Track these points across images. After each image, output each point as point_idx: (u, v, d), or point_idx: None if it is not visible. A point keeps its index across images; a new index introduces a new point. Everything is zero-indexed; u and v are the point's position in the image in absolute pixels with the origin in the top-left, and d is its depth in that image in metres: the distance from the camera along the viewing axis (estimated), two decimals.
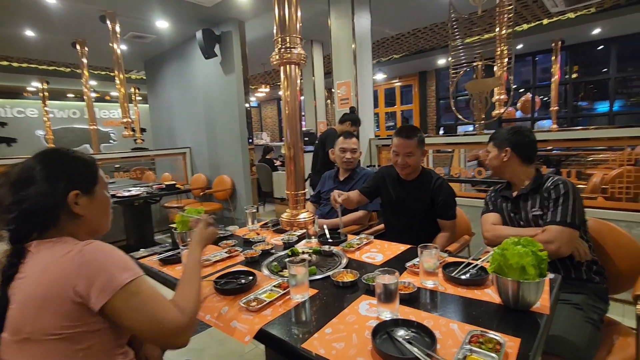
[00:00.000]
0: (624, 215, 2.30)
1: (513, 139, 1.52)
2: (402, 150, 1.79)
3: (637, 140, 2.30)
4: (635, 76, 7.00)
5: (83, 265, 0.74)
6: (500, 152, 1.53)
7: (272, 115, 13.62)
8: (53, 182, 0.82)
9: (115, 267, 0.76)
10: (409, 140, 1.78)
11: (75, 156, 0.89)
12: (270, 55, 1.33)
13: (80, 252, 0.76)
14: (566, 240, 1.31)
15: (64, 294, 0.73)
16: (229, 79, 4.64)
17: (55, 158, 0.86)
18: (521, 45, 6.85)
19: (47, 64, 6.89)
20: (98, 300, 0.73)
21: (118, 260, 0.78)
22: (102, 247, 0.78)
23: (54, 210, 0.82)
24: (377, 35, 5.92)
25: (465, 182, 3.50)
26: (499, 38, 3.58)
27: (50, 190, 0.81)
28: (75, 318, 0.74)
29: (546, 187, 1.43)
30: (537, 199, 1.45)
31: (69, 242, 0.80)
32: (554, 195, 1.38)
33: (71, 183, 0.83)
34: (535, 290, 0.90)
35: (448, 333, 0.84)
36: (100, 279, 0.74)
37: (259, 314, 0.97)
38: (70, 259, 0.75)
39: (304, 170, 1.39)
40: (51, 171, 0.83)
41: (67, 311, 0.73)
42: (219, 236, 1.74)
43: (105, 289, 0.74)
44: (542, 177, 1.49)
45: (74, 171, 0.86)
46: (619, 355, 1.19)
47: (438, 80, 9.25)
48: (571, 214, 1.32)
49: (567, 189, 1.36)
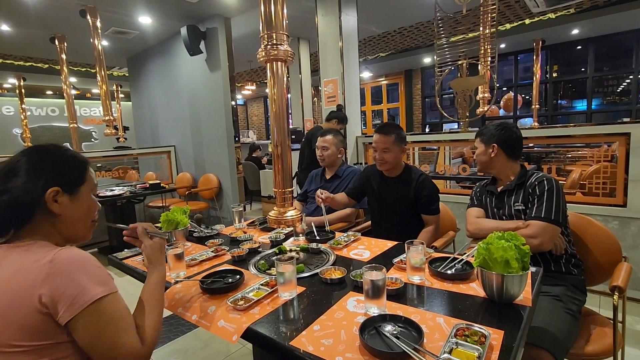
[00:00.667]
0: (601, 210, 2.38)
1: (500, 135, 1.55)
2: (379, 145, 1.84)
3: (613, 137, 2.38)
4: (612, 75, 7.25)
5: (53, 275, 0.70)
6: (488, 148, 1.56)
7: (258, 113, 13.52)
8: (34, 176, 0.79)
9: (88, 279, 0.72)
10: (386, 137, 1.83)
11: (66, 154, 0.86)
12: (257, 52, 1.32)
13: (51, 261, 0.71)
14: (549, 236, 1.35)
15: (29, 305, 0.69)
16: (214, 77, 4.58)
17: (43, 153, 0.84)
18: (504, 44, 7.00)
19: (24, 60, 6.65)
20: (65, 314, 0.69)
21: (92, 272, 0.74)
22: (75, 256, 0.74)
23: (30, 205, 0.78)
24: (363, 33, 5.94)
25: (450, 179, 3.56)
26: (482, 37, 3.64)
27: (30, 184, 0.78)
28: (41, 331, 0.69)
29: (530, 183, 1.46)
30: (520, 194, 1.48)
31: (43, 248, 0.76)
32: (538, 191, 1.41)
33: (53, 179, 0.80)
34: (519, 283, 0.93)
35: (435, 327, 0.85)
36: (69, 291, 0.69)
37: (246, 313, 0.96)
38: (39, 267, 0.71)
39: (291, 168, 1.39)
40: (34, 165, 0.80)
41: (32, 323, 0.69)
42: (205, 235, 1.72)
43: (74, 303, 0.69)
44: (526, 173, 1.52)
45: (59, 167, 0.83)
46: (596, 344, 1.23)
47: (424, 79, 9.36)
48: (555, 211, 1.35)
49: (551, 186, 1.39)
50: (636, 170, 2.26)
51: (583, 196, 2.62)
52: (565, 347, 1.15)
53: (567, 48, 7.33)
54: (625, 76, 6.99)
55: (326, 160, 2.32)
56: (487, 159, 1.58)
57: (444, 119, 8.92)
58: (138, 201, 4.13)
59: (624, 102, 7.10)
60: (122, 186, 3.93)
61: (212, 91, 4.65)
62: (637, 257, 2.27)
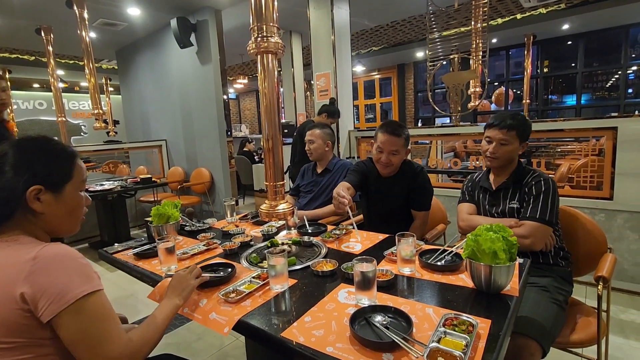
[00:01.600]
0: (588, 203, 2.43)
1: (530, 131, 1.49)
2: (388, 147, 1.67)
3: (601, 131, 2.42)
4: (601, 71, 7.34)
5: (35, 272, 0.68)
6: (520, 145, 1.48)
7: (251, 107, 13.42)
8: (17, 171, 0.75)
9: (72, 277, 0.70)
10: (397, 138, 1.67)
11: (52, 147, 0.82)
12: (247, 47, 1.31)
13: (34, 259, 0.69)
14: (540, 237, 1.36)
15: (10, 302, 0.67)
16: (205, 70, 4.52)
17: (30, 146, 0.80)
18: (496, 39, 7.03)
19: (9, 52, 6.49)
20: (47, 312, 0.67)
21: (76, 269, 0.72)
22: (60, 253, 0.71)
23: (9, 202, 0.75)
24: (356, 26, 5.92)
25: (443, 172, 3.59)
26: (474, 31, 3.65)
27: (11, 180, 0.75)
28: (22, 329, 0.68)
29: (527, 182, 1.45)
30: (517, 192, 1.47)
31: (26, 244, 0.73)
32: (534, 191, 1.40)
33: (36, 176, 0.76)
34: (506, 273, 0.94)
35: (424, 317, 0.87)
36: (52, 289, 0.68)
37: (238, 305, 0.97)
38: (21, 264, 0.68)
39: (282, 161, 1.39)
40: (18, 159, 0.77)
41: (13, 320, 0.67)
42: (196, 229, 1.72)
43: (57, 300, 0.68)
44: (523, 170, 1.50)
45: (43, 163, 0.79)
46: (581, 333, 1.27)
47: (416, 73, 9.37)
48: (549, 212, 1.36)
49: (548, 187, 1.39)
50: (623, 163, 2.30)
51: (571, 189, 2.67)
52: (551, 336, 1.17)
53: (557, 43, 7.40)
54: (614, 72, 7.09)
55: (314, 154, 2.32)
56: (515, 156, 1.49)
57: (437, 114, 8.98)
58: (129, 195, 4.09)
59: (612, 98, 7.22)
60: (113, 180, 3.88)
61: (203, 84, 4.59)
62: (623, 248, 2.33)
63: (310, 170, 2.43)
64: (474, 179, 1.68)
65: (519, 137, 1.45)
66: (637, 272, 2.31)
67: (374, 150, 1.77)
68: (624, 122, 2.30)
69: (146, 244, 1.52)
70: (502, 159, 1.48)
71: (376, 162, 1.77)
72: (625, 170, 2.30)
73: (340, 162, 2.35)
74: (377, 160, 1.75)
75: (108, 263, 1.46)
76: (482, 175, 1.65)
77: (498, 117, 1.49)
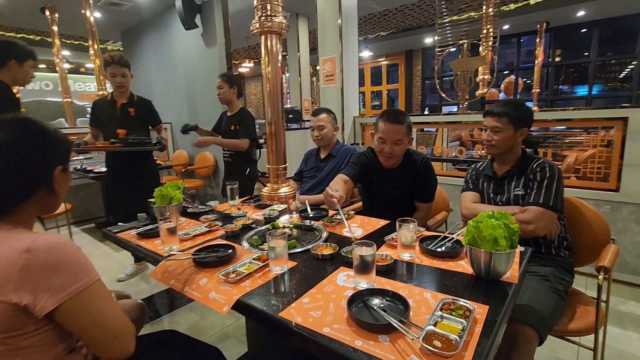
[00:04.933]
0: (593, 194, 2.40)
1: (530, 117, 1.46)
2: (391, 137, 1.60)
3: (611, 121, 2.37)
4: (615, 61, 7.15)
5: (29, 267, 0.66)
6: (517, 132, 1.46)
7: (256, 91, 13.34)
8: (44, 153, 0.80)
9: (68, 271, 0.70)
10: (399, 126, 1.59)
11: (54, 129, 0.86)
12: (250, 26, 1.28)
13: (27, 252, 0.67)
14: (544, 223, 1.35)
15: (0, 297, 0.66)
16: (210, 52, 4.47)
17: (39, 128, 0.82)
18: (507, 25, 6.86)
19: (15, 31, 6.46)
20: (44, 307, 0.67)
21: (72, 262, 0.71)
22: (53, 245, 0.69)
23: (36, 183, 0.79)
24: (364, 10, 5.79)
25: (448, 161, 3.56)
26: (485, 17, 3.56)
27: (41, 162, 0.79)
28: (10, 324, 0.67)
29: (532, 169, 1.44)
30: (521, 180, 1.46)
31: (19, 235, 0.72)
32: (539, 177, 1.40)
33: (57, 157, 0.82)
34: (506, 260, 0.94)
35: (421, 301, 0.87)
36: (48, 284, 0.67)
37: (237, 286, 0.98)
38: (14, 257, 0.66)
39: (284, 145, 1.38)
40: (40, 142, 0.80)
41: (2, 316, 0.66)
42: (199, 211, 1.73)
43: (54, 296, 0.68)
44: (528, 157, 1.49)
45: (60, 145, 0.84)
46: (580, 322, 1.27)
47: (424, 60, 9.21)
48: (553, 198, 1.35)
49: (553, 172, 1.38)
50: (631, 155, 2.26)
51: (577, 180, 2.63)
52: (549, 325, 1.18)
53: (571, 31, 7.20)
54: (629, 62, 6.91)
55: (324, 139, 2.26)
56: (513, 143, 1.47)
57: (443, 102, 8.86)
58: None
59: (625, 89, 7.05)
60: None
61: (208, 67, 4.55)
62: (626, 240, 2.31)
63: (313, 155, 2.41)
64: (477, 167, 1.67)
65: (512, 123, 1.44)
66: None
67: (376, 141, 1.69)
68: (635, 112, 2.24)
69: (149, 224, 1.53)
70: (498, 146, 1.48)
71: (379, 153, 1.71)
72: (633, 161, 2.26)
73: (344, 147, 2.32)
74: (380, 151, 1.69)
75: (112, 242, 1.48)
76: (486, 164, 1.64)
77: (492, 105, 1.51)
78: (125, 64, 2.43)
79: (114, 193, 2.60)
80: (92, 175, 3.39)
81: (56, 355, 0.76)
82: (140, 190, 2.27)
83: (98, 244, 3.54)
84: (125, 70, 2.44)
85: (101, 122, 2.55)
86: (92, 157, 4.47)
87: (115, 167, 2.57)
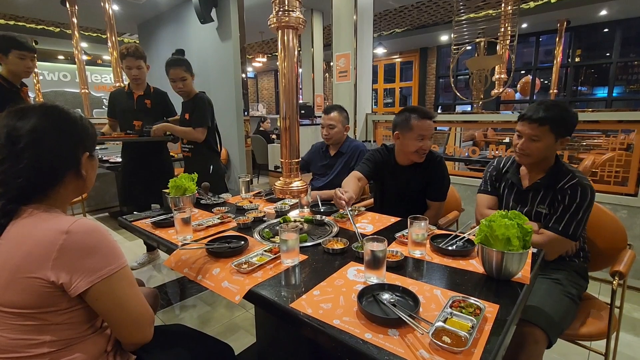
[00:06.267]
0: (610, 198, 2.35)
1: (574, 125, 1.28)
2: (430, 132, 1.65)
3: (631, 124, 2.31)
4: (637, 62, 6.94)
5: (67, 247, 0.70)
6: (557, 141, 1.29)
7: (268, 87, 13.38)
8: (72, 140, 0.83)
9: (102, 254, 0.74)
10: (432, 122, 1.65)
11: (80, 117, 0.88)
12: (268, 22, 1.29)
13: (66, 233, 0.71)
14: (556, 250, 1.30)
15: (38, 273, 0.69)
16: (225, 46, 4.50)
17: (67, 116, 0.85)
18: (526, 24, 6.71)
19: (36, 23, 6.62)
20: (78, 287, 0.71)
21: (105, 246, 0.76)
22: (90, 229, 0.74)
23: (66, 168, 0.82)
24: (379, 6, 5.75)
25: (460, 161, 3.52)
26: (504, 14, 3.49)
27: (70, 148, 0.82)
28: (46, 299, 0.71)
29: (562, 187, 1.29)
30: (548, 196, 1.33)
31: (58, 216, 0.76)
32: (567, 201, 1.26)
33: (84, 144, 0.85)
34: (518, 261, 0.93)
35: (431, 298, 0.87)
36: (84, 265, 0.71)
37: (249, 276, 1.00)
38: (53, 237, 0.71)
39: (298, 140, 1.39)
40: (68, 129, 0.83)
41: (37, 291, 0.70)
42: (211, 203, 1.76)
43: (88, 276, 0.72)
44: (560, 169, 1.32)
45: (86, 132, 0.87)
46: (591, 327, 1.25)
47: (439, 58, 9.09)
48: (575, 226, 1.25)
49: (584, 199, 1.24)
50: None
51: (594, 184, 2.56)
52: (560, 327, 1.17)
53: (592, 30, 7.01)
54: None
55: (333, 138, 2.25)
56: (551, 153, 1.30)
57: (457, 101, 8.74)
58: None
59: None
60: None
61: (222, 62, 4.58)
62: None
63: (322, 151, 2.40)
64: (500, 167, 1.52)
65: (554, 132, 1.26)
66: None
67: (413, 141, 1.65)
68: None
69: (163, 214, 1.56)
70: (533, 156, 1.31)
71: (414, 152, 1.67)
72: None
73: (353, 143, 2.31)
74: (418, 149, 1.65)
75: (127, 230, 1.52)
76: (510, 166, 1.47)
77: (531, 109, 1.30)
78: (141, 56, 2.45)
79: (129, 183, 2.65)
80: (108, 166, 3.46)
81: (83, 334, 0.80)
82: (155, 181, 2.31)
83: (111, 232, 3.63)
84: (141, 63, 2.46)
85: (118, 113, 2.59)
86: (107, 148, 4.57)
87: (131, 158, 2.62)
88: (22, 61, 2.10)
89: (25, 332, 0.72)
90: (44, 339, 0.73)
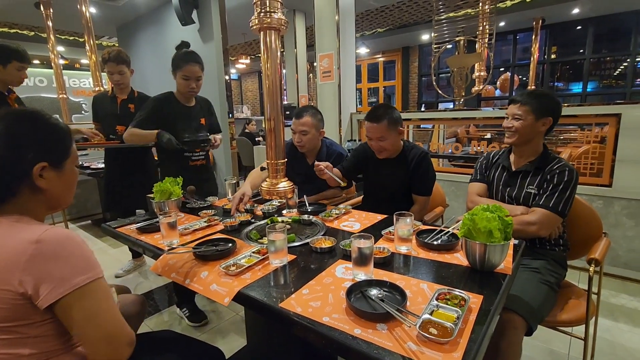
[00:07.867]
0: (587, 189, 2.44)
1: (557, 108, 1.42)
2: (373, 134, 1.72)
3: (605, 118, 2.41)
4: (609, 58, 7.21)
5: (37, 257, 0.67)
6: (538, 121, 1.41)
7: (252, 88, 13.29)
8: (21, 148, 0.75)
9: (73, 264, 0.70)
10: (378, 124, 1.69)
11: (51, 123, 0.80)
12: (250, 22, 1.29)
13: (36, 242, 0.68)
14: (547, 225, 1.36)
15: (8, 285, 0.66)
16: (207, 48, 4.46)
17: (29, 121, 0.78)
18: (503, 23, 6.89)
19: (8, 26, 6.39)
20: (46, 299, 0.67)
21: (78, 256, 0.71)
22: (62, 238, 0.70)
23: (15, 180, 0.75)
24: (361, 6, 5.79)
25: (444, 157, 3.59)
26: (481, 14, 3.58)
27: (16, 157, 0.74)
28: (18, 312, 0.68)
29: (550, 169, 1.40)
30: (537, 178, 1.43)
31: (29, 225, 0.72)
32: (556, 180, 1.36)
33: (40, 153, 0.76)
34: (500, 252, 0.97)
35: (418, 292, 0.89)
36: (52, 276, 0.67)
37: (238, 278, 1.00)
38: (23, 247, 0.67)
39: (284, 141, 1.39)
40: (21, 136, 0.76)
41: (8, 304, 0.67)
42: (198, 206, 1.74)
43: (57, 288, 0.67)
44: (549, 156, 1.45)
45: (47, 140, 0.79)
46: (571, 313, 1.30)
47: (421, 57, 9.22)
48: (564, 203, 1.34)
49: (571, 178, 1.35)
50: (624, 151, 2.30)
51: None
52: (539, 314, 1.21)
53: (566, 28, 7.24)
54: (623, 59, 6.97)
55: (306, 146, 1.96)
56: (534, 133, 1.43)
57: (440, 98, 8.89)
58: None
59: (619, 86, 7.11)
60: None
61: (205, 64, 4.51)
62: (618, 235, 2.36)
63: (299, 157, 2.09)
64: (490, 157, 1.64)
65: (534, 112, 1.41)
66: (631, 258, 2.35)
67: (366, 138, 1.81)
68: (627, 108, 2.28)
69: (148, 219, 1.54)
70: (519, 133, 1.44)
71: (371, 147, 1.82)
72: (625, 157, 2.30)
73: (332, 149, 2.07)
74: (370, 146, 1.81)
75: (111, 237, 1.49)
76: (502, 153, 1.60)
77: (517, 94, 1.50)
78: (122, 61, 2.40)
79: (113, 189, 2.60)
80: (89, 172, 3.38)
81: (63, 345, 0.76)
82: (139, 186, 2.27)
83: (95, 240, 3.54)
84: (123, 68, 2.41)
85: (101, 118, 2.54)
86: (88, 154, 4.46)
87: (114, 164, 2.57)
88: (18, 72, 2.09)
89: (2, 347, 0.69)
90: (23, 352, 0.70)
